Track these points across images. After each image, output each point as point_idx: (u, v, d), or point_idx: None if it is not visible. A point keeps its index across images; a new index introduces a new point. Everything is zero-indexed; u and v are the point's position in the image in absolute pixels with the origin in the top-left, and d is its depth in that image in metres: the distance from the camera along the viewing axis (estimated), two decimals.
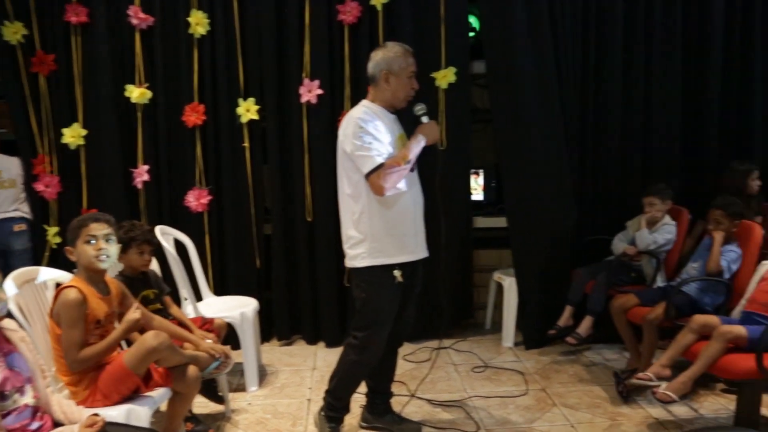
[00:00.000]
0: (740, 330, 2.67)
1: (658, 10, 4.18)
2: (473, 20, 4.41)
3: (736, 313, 2.99)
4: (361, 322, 2.73)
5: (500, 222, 4.36)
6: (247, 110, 4.09)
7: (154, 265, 3.11)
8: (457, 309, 4.46)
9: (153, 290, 2.89)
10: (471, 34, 4.38)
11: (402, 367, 3.77)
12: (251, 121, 4.13)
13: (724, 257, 3.25)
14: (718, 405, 3.29)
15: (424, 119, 2.73)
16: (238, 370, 3.61)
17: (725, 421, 3.11)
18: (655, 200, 3.76)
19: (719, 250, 3.25)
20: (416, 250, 2.76)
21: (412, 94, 2.73)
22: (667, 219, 3.79)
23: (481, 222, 4.54)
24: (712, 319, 2.82)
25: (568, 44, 4.12)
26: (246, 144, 4.15)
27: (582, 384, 3.59)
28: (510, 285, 4.24)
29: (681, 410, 3.23)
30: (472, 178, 4.69)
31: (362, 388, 2.99)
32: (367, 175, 2.55)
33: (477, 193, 4.81)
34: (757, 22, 4.27)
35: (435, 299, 4.12)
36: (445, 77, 4.11)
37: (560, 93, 4.10)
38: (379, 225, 2.64)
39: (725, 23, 4.25)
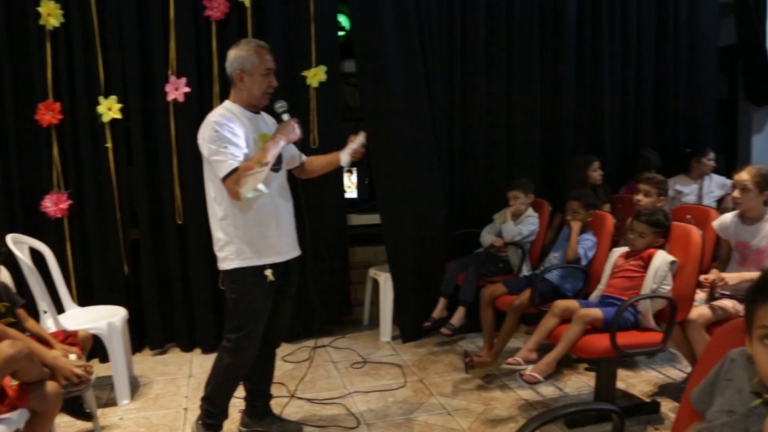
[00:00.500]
0: (597, 312, 2.87)
1: (517, 15, 4.44)
2: (343, 19, 4.44)
3: (594, 296, 3.20)
4: (234, 324, 2.68)
5: (374, 219, 4.43)
6: (109, 109, 3.87)
7: (5, 277, 2.86)
8: (335, 306, 4.49)
9: (3, 303, 2.66)
10: (341, 33, 4.41)
11: (281, 368, 3.74)
12: (114, 121, 3.91)
13: (581, 245, 3.50)
14: (581, 383, 3.54)
15: (285, 117, 2.69)
16: (108, 383, 3.42)
17: (587, 397, 3.35)
18: (519, 194, 3.98)
19: (576, 239, 3.50)
20: (285, 250, 2.74)
21: (270, 91, 2.66)
22: (530, 211, 4.03)
23: (356, 219, 4.59)
24: (572, 303, 3.00)
25: (434, 44, 4.27)
26: (109, 144, 3.92)
27: (457, 372, 3.73)
28: (385, 280, 4.32)
29: (548, 390, 3.44)
30: (346, 176, 4.73)
31: (240, 392, 2.93)
32: (223, 180, 2.50)
33: (351, 191, 4.86)
34: (605, 29, 4.67)
35: (310, 298, 4.13)
36: (315, 76, 4.11)
37: (428, 92, 4.23)
38: (243, 227, 2.60)
39: (576, 29, 4.61)
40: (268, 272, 2.63)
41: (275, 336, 2.92)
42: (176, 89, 3.92)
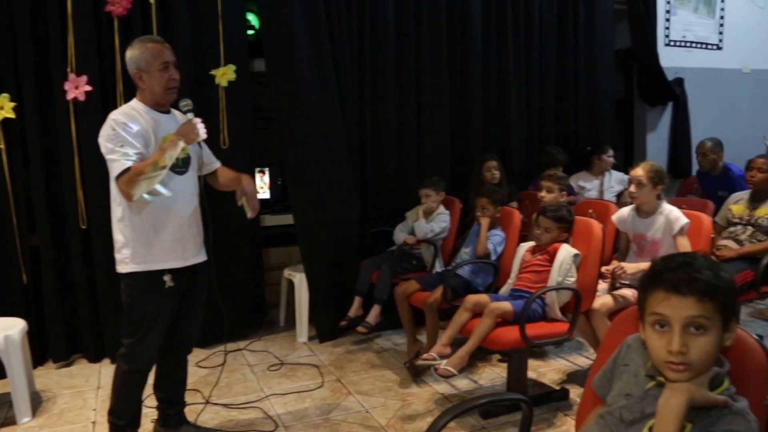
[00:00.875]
0: (507, 306, 2.97)
1: (425, 18, 4.52)
2: (252, 17, 4.37)
3: (504, 290, 3.30)
4: (128, 329, 2.59)
5: (288, 219, 4.39)
6: (1, 107, 3.64)
7: None
8: (250, 309, 4.42)
9: None
10: (250, 31, 4.34)
11: (196, 374, 3.65)
12: (7, 120, 3.68)
13: (490, 241, 3.61)
14: (494, 374, 3.65)
15: (190, 115, 2.59)
16: (6, 401, 3.23)
17: (501, 388, 3.45)
18: (430, 192, 4.06)
19: (486, 235, 3.60)
20: (187, 254, 2.64)
21: (172, 85, 2.56)
22: (442, 209, 4.11)
23: (269, 220, 4.54)
24: (483, 297, 3.09)
25: (344, 45, 4.27)
26: (1, 146, 3.69)
27: (374, 370, 3.76)
28: (300, 281, 4.29)
29: (463, 383, 3.53)
30: (258, 176, 4.67)
31: (152, 401, 2.84)
32: (116, 179, 2.42)
33: (263, 192, 4.80)
34: (510, 33, 4.84)
35: (225, 301, 4.07)
36: (224, 75, 4.03)
37: (339, 92, 4.24)
38: (140, 230, 2.52)
39: (483, 33, 4.75)
40: (167, 278, 2.55)
41: (185, 342, 2.84)
42: (76, 87, 3.73)
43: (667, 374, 1.32)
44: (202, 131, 2.57)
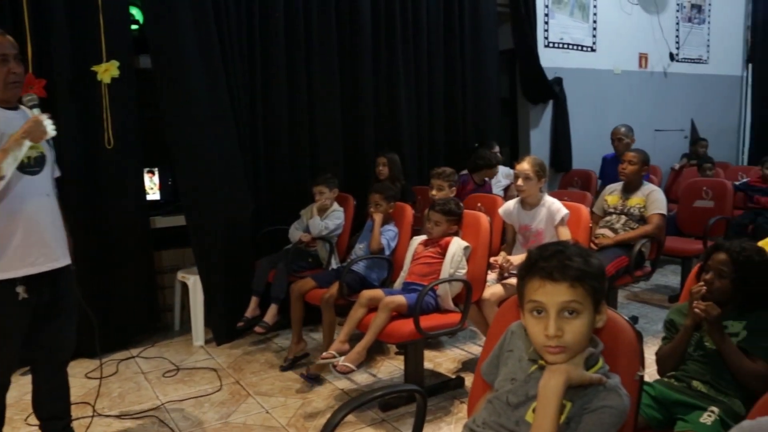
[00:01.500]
0: (401, 299, 3.04)
1: (315, 19, 4.53)
2: (136, 12, 4.20)
3: (398, 284, 3.37)
4: None
5: (180, 220, 4.27)
6: None
7: None
8: (142, 314, 4.25)
9: None
10: (134, 26, 4.18)
11: (85, 386, 3.49)
12: None
13: (384, 236, 3.68)
14: (393, 367, 3.73)
15: (35, 111, 2.39)
16: None
17: (399, 380, 3.52)
18: (324, 189, 4.08)
19: (379, 230, 3.67)
20: (41, 260, 2.43)
21: (13, 79, 2.36)
22: (336, 206, 4.14)
23: (161, 222, 4.39)
24: (377, 292, 3.14)
25: (234, 43, 4.19)
26: None
27: (273, 370, 3.73)
28: (194, 283, 4.18)
29: (362, 377, 3.58)
30: (147, 177, 4.50)
31: (34, 420, 2.68)
32: None
33: (153, 193, 4.63)
34: (398, 35, 4.93)
35: (115, 308, 3.91)
36: (107, 71, 3.83)
37: (229, 91, 4.16)
38: None
39: (372, 34, 4.82)
40: (20, 289, 2.36)
41: (57, 352, 2.63)
42: None
43: (546, 357, 1.41)
44: (50, 128, 2.38)
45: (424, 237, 3.41)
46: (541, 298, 1.38)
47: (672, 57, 7.64)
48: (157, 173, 4.67)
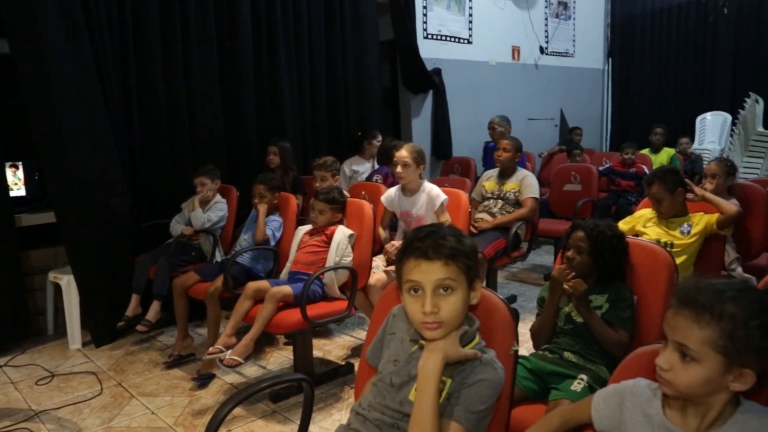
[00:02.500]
0: (287, 289, 3.04)
1: (192, 7, 4.39)
2: None
3: (284, 274, 3.36)
4: None
5: (50, 218, 4.00)
6: None
7: None
8: (9, 320, 3.95)
9: None
10: None
11: None
12: None
13: (269, 226, 3.66)
14: (282, 358, 3.71)
15: None
16: None
17: (288, 370, 3.51)
18: (206, 180, 3.99)
19: (264, 221, 3.64)
20: None
21: None
22: (218, 197, 4.06)
23: (27, 219, 4.09)
24: (263, 283, 3.12)
25: (104, 30, 3.97)
26: None
27: (159, 369, 3.62)
28: (68, 283, 3.95)
29: (251, 370, 3.54)
30: (10, 171, 4.19)
31: None
32: None
33: (18, 189, 4.32)
34: (279, 24, 4.88)
35: None
36: None
37: (100, 79, 3.94)
38: None
39: (252, 23, 4.74)
40: None
41: None
42: None
43: (424, 334, 1.47)
44: None
45: (309, 227, 3.42)
46: (417, 277, 1.44)
47: (542, 50, 8.08)
48: (21, 167, 4.35)
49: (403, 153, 3.57)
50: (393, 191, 3.73)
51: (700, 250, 3.05)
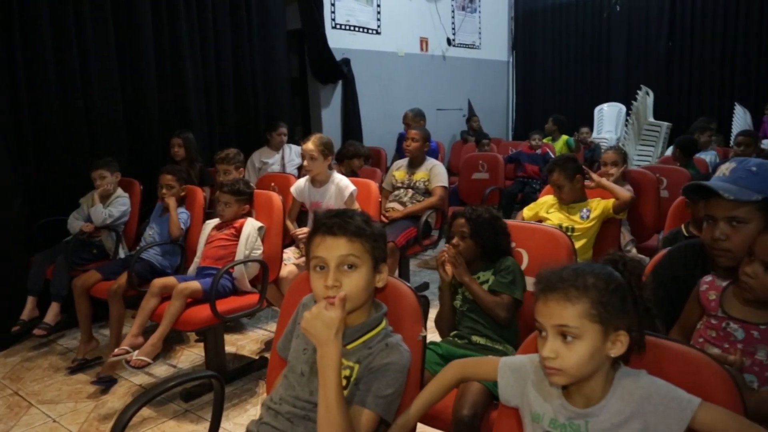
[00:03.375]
0: (195, 285, 2.96)
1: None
2: None
3: (192, 269, 3.28)
4: None
5: None
6: None
7: None
8: None
9: None
10: None
11: None
12: None
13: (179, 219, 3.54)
14: (194, 355, 3.62)
15: None
16: None
17: (200, 368, 3.43)
18: (105, 173, 3.81)
19: (176, 214, 3.52)
20: None
21: None
22: (120, 191, 3.89)
23: None
24: (170, 280, 3.04)
25: None
26: None
27: (60, 374, 3.43)
28: None
29: (161, 370, 3.43)
30: None
31: None
32: None
33: None
34: (182, 13, 4.74)
35: None
36: None
37: None
38: None
39: (152, 11, 4.57)
40: None
41: None
42: None
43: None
44: None
45: (217, 220, 3.34)
46: (322, 252, 1.45)
47: (449, 42, 8.24)
48: None
49: (310, 146, 3.55)
50: (302, 182, 3.71)
51: (598, 233, 3.22)
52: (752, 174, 1.62)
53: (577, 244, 3.05)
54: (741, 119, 7.38)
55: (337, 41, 6.37)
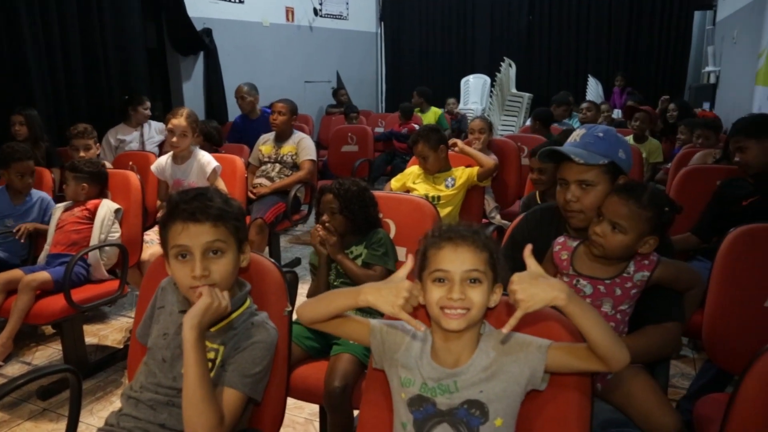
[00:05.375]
0: (44, 275, 2.76)
1: None
2: None
3: (42, 258, 3.04)
4: None
5: None
6: None
7: None
8: None
9: None
10: None
11: None
12: None
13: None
14: (51, 350, 3.35)
15: None
16: None
17: (59, 362, 3.17)
18: None
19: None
20: None
21: None
22: None
23: None
24: (15, 272, 2.81)
25: None
26: None
27: None
28: None
29: (14, 369, 3.14)
30: None
31: None
32: None
33: None
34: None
35: None
36: None
37: None
38: None
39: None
40: None
41: None
42: None
43: (193, 300, 1.39)
44: None
45: (67, 203, 3.09)
46: (185, 240, 1.38)
47: (316, 12, 8.12)
48: None
49: (183, 122, 3.38)
50: (163, 159, 3.53)
51: (464, 201, 3.32)
52: (599, 139, 1.74)
53: (443, 212, 3.14)
54: (593, 90, 7.92)
55: (197, 10, 6.07)
